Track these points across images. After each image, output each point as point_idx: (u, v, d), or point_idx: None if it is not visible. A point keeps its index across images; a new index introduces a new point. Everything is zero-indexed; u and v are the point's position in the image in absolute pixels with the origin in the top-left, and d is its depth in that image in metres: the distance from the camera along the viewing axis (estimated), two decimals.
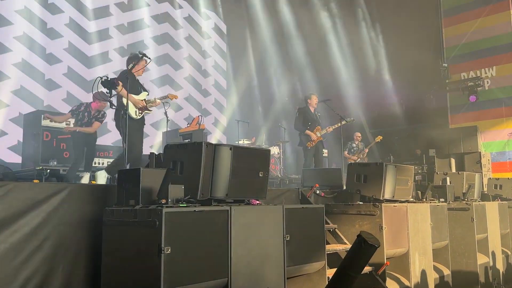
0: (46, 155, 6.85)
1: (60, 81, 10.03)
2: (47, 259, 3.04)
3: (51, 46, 10.00)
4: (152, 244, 2.79)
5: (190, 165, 3.30)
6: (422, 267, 5.28)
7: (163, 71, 12.31)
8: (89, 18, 10.81)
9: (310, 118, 8.13)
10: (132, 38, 11.69)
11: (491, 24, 11.84)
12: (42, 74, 9.73)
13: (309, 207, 4.10)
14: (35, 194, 3.09)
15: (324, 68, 12.63)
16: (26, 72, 9.42)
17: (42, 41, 9.83)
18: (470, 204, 6.19)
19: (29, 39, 9.60)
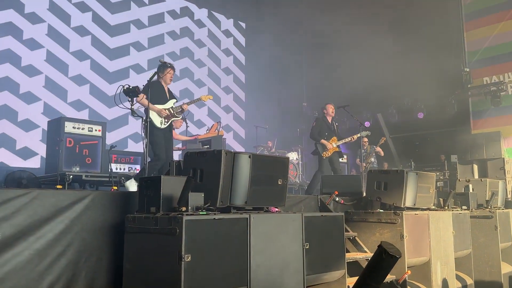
0: (69, 161, 6.97)
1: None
2: (70, 265, 3.10)
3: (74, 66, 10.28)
4: (173, 252, 2.82)
5: (209, 173, 3.33)
6: (444, 276, 5.19)
7: (183, 85, 12.50)
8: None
9: (327, 128, 8.09)
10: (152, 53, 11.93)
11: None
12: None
13: (328, 215, 4.08)
14: (59, 201, 3.15)
15: (344, 72, 12.56)
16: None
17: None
18: (493, 212, 6.08)
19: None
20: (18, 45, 9.51)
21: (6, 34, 9.36)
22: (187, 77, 12.60)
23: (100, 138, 7.47)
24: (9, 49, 9.36)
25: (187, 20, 13.00)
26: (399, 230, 4.72)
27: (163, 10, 12.41)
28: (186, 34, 12.87)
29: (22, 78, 9.53)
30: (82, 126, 7.33)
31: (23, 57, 9.55)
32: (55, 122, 7.33)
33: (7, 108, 9.18)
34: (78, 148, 7.22)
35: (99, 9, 10.98)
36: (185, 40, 12.81)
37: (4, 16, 9.38)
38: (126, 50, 11.35)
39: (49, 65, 9.93)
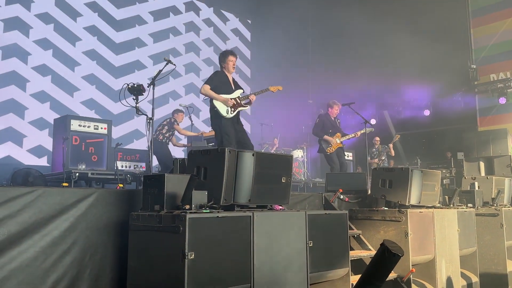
0: (75, 159, 7.02)
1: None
2: (75, 263, 3.13)
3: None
4: (176, 249, 2.83)
5: (213, 171, 3.34)
6: (449, 274, 5.18)
7: (188, 79, 12.51)
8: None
9: (330, 125, 8.14)
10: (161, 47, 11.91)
11: None
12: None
13: (332, 213, 4.08)
14: (63, 199, 3.18)
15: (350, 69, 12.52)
16: None
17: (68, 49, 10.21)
18: (499, 210, 6.04)
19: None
20: (27, 41, 9.59)
21: (12, 28, 9.43)
22: (192, 72, 12.62)
23: (106, 136, 7.50)
24: (15, 44, 9.44)
25: (192, 14, 13.02)
26: (403, 228, 4.71)
27: (168, 5, 12.45)
28: (191, 30, 12.90)
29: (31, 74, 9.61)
30: (88, 124, 7.37)
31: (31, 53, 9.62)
32: (61, 120, 7.38)
33: (15, 103, 9.28)
34: (84, 146, 7.26)
35: (105, 4, 11.03)
36: (190, 35, 12.83)
37: (11, 11, 9.44)
38: (131, 45, 11.40)
39: (57, 61, 10.01)
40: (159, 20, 12.12)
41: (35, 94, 9.64)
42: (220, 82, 5.86)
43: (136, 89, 5.05)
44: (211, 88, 5.77)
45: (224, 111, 5.75)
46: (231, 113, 5.79)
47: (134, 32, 11.46)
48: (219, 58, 6.11)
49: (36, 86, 9.67)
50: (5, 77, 9.27)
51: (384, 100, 13.42)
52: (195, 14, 13.12)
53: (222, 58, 6.03)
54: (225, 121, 5.74)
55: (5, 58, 9.32)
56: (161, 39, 12.04)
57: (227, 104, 5.74)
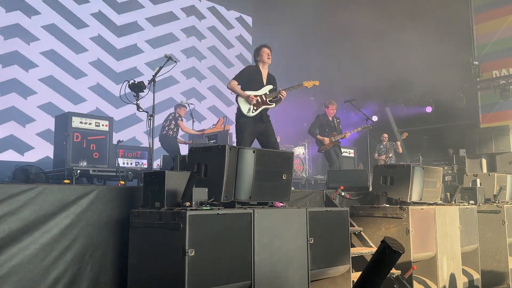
0: (77, 156, 7.02)
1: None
2: (76, 260, 3.13)
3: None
4: (177, 246, 2.83)
5: (214, 168, 3.34)
6: (451, 271, 5.17)
7: (190, 64, 12.52)
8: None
9: (327, 125, 8.20)
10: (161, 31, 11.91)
11: None
12: None
13: (333, 210, 4.07)
14: (64, 196, 3.18)
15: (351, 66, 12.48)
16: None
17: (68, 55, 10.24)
18: (501, 207, 6.03)
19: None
20: (25, 46, 9.60)
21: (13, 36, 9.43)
22: (194, 77, 12.63)
23: (107, 133, 7.49)
24: (16, 51, 9.44)
25: (193, 18, 13.01)
26: (405, 225, 4.70)
27: (169, 9, 12.43)
28: (192, 32, 12.88)
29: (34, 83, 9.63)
30: (89, 121, 7.37)
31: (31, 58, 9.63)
32: (63, 117, 7.38)
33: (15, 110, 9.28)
34: (85, 143, 7.26)
35: (105, 8, 11.02)
36: (191, 39, 12.82)
37: (12, 18, 9.45)
38: (133, 50, 11.39)
39: (56, 66, 10.04)
40: (161, 25, 12.12)
41: (41, 106, 9.66)
42: (250, 77, 5.53)
43: (137, 86, 5.05)
44: (238, 84, 5.47)
45: (246, 109, 5.41)
46: (253, 111, 5.43)
47: (132, 38, 11.45)
48: (254, 54, 5.82)
49: (41, 98, 9.69)
50: (6, 85, 9.25)
51: (386, 96, 13.39)
52: (196, 18, 13.12)
53: (256, 52, 5.73)
54: (244, 120, 5.41)
55: (6, 66, 9.29)
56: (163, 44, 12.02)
57: (250, 101, 5.39)
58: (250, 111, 5.42)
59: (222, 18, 13.87)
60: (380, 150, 10.92)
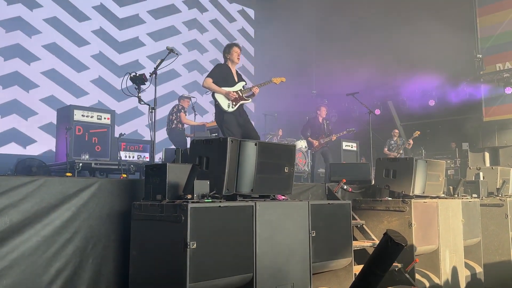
0: (79, 149, 7.03)
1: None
2: (78, 252, 3.13)
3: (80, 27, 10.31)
4: (178, 239, 2.83)
5: (215, 160, 3.33)
6: (453, 264, 5.16)
7: (192, 57, 12.49)
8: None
9: (317, 127, 8.76)
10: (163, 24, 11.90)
11: None
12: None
13: (335, 203, 4.06)
14: (66, 188, 3.17)
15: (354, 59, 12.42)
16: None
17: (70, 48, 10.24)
18: (504, 200, 6.01)
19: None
20: (26, 39, 9.58)
21: (15, 28, 9.40)
22: (196, 70, 12.58)
23: (109, 126, 7.50)
24: (18, 44, 9.42)
25: (195, 11, 12.95)
26: (407, 218, 4.69)
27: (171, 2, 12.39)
28: (194, 26, 12.82)
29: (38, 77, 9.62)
30: (91, 114, 7.37)
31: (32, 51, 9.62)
32: (64, 110, 7.38)
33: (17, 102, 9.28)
34: (87, 136, 7.27)
35: (106, 1, 10.99)
36: (193, 32, 12.77)
37: (13, 11, 9.42)
38: (134, 43, 11.36)
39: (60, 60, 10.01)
40: (163, 18, 12.07)
41: (44, 99, 9.65)
42: (222, 74, 5.79)
43: (138, 78, 5.03)
44: (213, 82, 5.70)
45: (226, 105, 5.66)
46: (233, 106, 5.69)
47: (134, 31, 11.41)
48: (223, 51, 6.00)
49: (43, 91, 9.68)
50: (8, 78, 9.23)
51: (389, 90, 13.33)
52: (199, 13, 13.05)
53: (226, 50, 5.94)
54: (227, 116, 5.65)
55: (8, 59, 9.27)
56: (165, 37, 11.97)
57: (229, 97, 5.66)
58: (230, 107, 5.66)
59: (224, 10, 13.80)
60: (390, 146, 10.89)
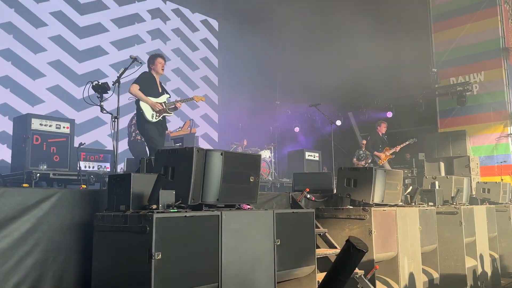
0: (36, 159, 6.80)
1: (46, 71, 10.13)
2: (37, 265, 3.04)
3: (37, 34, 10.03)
4: (143, 250, 2.80)
5: (181, 170, 3.32)
6: (411, 270, 5.33)
7: None
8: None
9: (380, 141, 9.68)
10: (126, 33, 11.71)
11: (480, 30, 12.02)
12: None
13: (299, 212, 4.13)
14: (25, 199, 3.08)
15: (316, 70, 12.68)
16: None
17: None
18: (458, 208, 6.26)
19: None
20: None
21: None
22: None
23: (68, 135, 7.30)
24: None
25: (158, 21, 12.88)
26: (367, 226, 4.82)
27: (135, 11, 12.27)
28: (158, 35, 12.74)
29: None
30: (49, 123, 7.15)
31: None
32: (22, 118, 7.13)
33: None
34: (45, 145, 7.04)
35: (68, 10, 10.75)
36: (157, 42, 12.69)
37: None
38: (96, 52, 11.15)
39: (14, 67, 9.68)
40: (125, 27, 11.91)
41: None
42: (148, 83, 5.86)
43: (101, 87, 4.95)
44: (139, 89, 5.75)
45: (150, 115, 5.76)
46: (156, 118, 5.80)
47: (96, 40, 11.20)
48: (148, 60, 6.13)
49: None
50: None
51: (349, 101, 13.70)
52: (162, 22, 12.99)
53: (151, 60, 6.07)
54: (149, 125, 5.76)
55: None
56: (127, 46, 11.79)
57: (155, 108, 5.75)
58: (154, 117, 5.78)
59: (187, 20, 13.79)
60: (359, 156, 11.19)
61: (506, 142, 11.49)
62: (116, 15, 11.71)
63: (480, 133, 11.83)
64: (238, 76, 13.73)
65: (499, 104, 11.67)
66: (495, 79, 11.77)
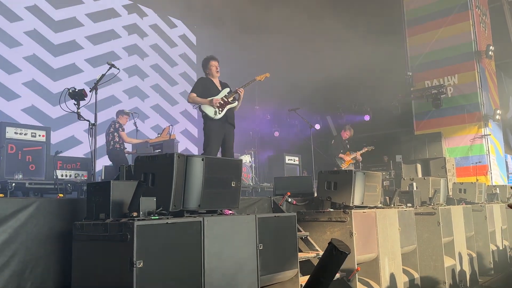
0: (11, 168, 6.64)
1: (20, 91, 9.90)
2: (15, 276, 2.96)
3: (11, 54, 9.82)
4: (124, 258, 2.76)
5: (161, 177, 3.29)
6: (392, 271, 5.40)
7: (132, 82, 12.25)
8: (55, 30, 10.69)
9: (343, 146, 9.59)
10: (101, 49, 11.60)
11: (453, 34, 12.32)
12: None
13: (281, 216, 4.14)
14: (1, 209, 3.01)
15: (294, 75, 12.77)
16: None
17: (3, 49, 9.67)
18: (436, 209, 6.37)
19: None
20: None
21: None
22: (136, 75, 12.37)
23: (44, 143, 7.16)
24: None
25: (135, 16, 12.75)
26: (348, 228, 4.86)
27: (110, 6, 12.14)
28: (135, 32, 12.62)
29: None
30: (25, 131, 7.01)
31: None
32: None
33: None
34: (20, 154, 6.89)
35: (42, 4, 10.56)
36: (134, 37, 12.56)
37: None
38: (70, 47, 10.96)
39: None
40: (101, 21, 11.76)
41: None
42: (205, 87, 5.87)
43: (78, 94, 4.88)
44: (197, 95, 5.77)
45: (212, 113, 5.72)
46: (219, 113, 5.75)
47: (72, 34, 11.03)
48: (202, 66, 6.12)
49: None
50: None
51: (328, 105, 13.85)
52: (138, 16, 12.87)
53: (204, 64, 6.06)
54: (212, 123, 5.74)
55: None
56: (103, 41, 11.67)
57: (213, 104, 5.71)
58: (217, 114, 5.74)
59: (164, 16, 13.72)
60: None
61: (480, 143, 11.78)
62: (91, 9, 11.55)
63: (455, 134, 12.10)
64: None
65: (473, 106, 11.97)
66: (469, 82, 12.08)
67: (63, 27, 10.85)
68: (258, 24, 13.20)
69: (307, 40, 12.48)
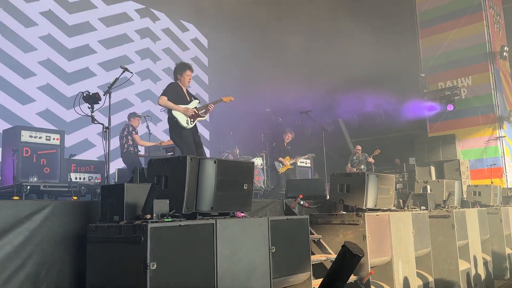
0: (26, 171, 6.74)
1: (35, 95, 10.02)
2: (30, 278, 3.00)
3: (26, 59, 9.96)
4: (138, 260, 2.77)
5: (174, 179, 3.30)
6: (406, 274, 5.34)
7: (145, 86, 12.34)
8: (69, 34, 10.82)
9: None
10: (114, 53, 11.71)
11: (466, 35, 12.20)
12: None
13: (294, 218, 4.13)
14: (17, 212, 3.04)
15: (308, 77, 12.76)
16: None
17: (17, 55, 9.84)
18: (450, 212, 6.30)
19: None
20: None
21: None
22: (149, 78, 12.47)
23: (59, 147, 7.26)
24: None
25: (147, 20, 12.87)
26: (361, 231, 4.82)
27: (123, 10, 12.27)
28: (147, 36, 12.73)
29: None
30: (39, 134, 7.11)
31: None
32: (11, 131, 7.07)
33: None
34: (35, 157, 6.99)
35: (56, 9, 10.71)
36: (146, 41, 12.67)
37: None
38: (85, 50, 11.10)
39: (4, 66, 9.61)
40: (114, 25, 11.90)
41: None
42: (177, 93, 5.92)
43: (92, 97, 4.94)
44: (168, 99, 5.81)
45: (184, 122, 5.81)
46: (191, 123, 5.87)
47: (85, 39, 11.17)
48: (175, 69, 6.16)
49: None
50: None
51: (340, 108, 13.79)
52: (151, 21, 12.99)
53: (179, 70, 6.10)
54: (185, 132, 5.81)
55: None
56: (116, 45, 11.80)
57: (187, 114, 5.81)
58: (189, 123, 5.84)
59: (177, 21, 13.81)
60: (353, 162, 11.26)
61: (495, 145, 11.63)
62: (104, 14, 11.68)
63: (469, 136, 11.97)
64: (229, 87, 13.73)
65: (487, 108, 11.82)
66: (483, 83, 11.94)
67: (76, 31, 11.01)
68: (270, 27, 13.24)
69: (321, 43, 12.47)
